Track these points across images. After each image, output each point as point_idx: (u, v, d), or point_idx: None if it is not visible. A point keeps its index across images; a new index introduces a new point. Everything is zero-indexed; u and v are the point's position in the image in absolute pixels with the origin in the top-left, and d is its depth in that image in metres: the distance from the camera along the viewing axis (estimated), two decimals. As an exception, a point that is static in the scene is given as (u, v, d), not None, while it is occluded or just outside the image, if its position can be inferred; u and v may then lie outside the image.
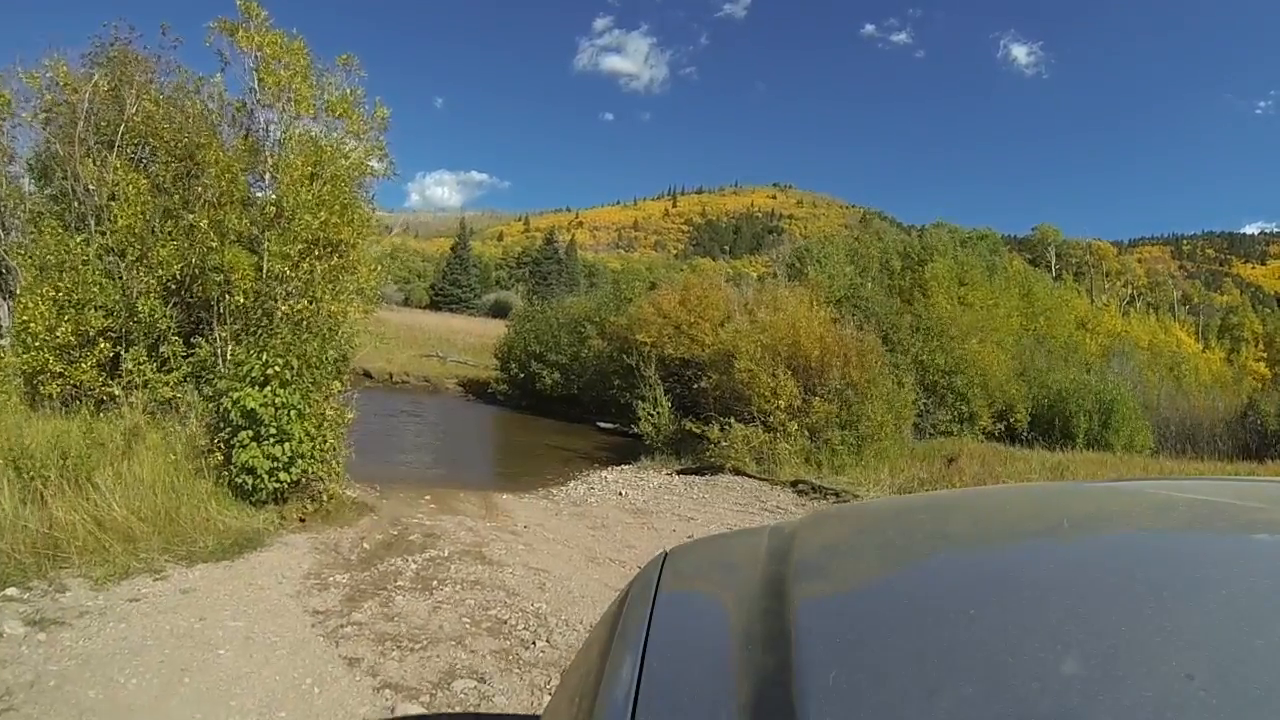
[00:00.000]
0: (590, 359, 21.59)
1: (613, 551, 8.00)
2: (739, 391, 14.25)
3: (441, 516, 9.35)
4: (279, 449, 7.99)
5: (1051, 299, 37.69)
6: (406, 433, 17.92)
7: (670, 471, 13.59)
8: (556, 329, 23.97)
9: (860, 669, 0.79)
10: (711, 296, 19.75)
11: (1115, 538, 1.25)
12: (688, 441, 14.56)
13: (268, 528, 7.89)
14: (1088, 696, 0.67)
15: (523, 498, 11.19)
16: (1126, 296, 77.62)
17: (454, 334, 41.25)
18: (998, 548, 1.24)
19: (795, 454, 13.18)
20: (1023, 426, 22.26)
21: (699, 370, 17.37)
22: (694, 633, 1.03)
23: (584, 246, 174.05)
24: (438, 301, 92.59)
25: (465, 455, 15.68)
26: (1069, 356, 29.20)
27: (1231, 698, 0.67)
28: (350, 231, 9.62)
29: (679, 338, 18.36)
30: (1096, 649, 0.75)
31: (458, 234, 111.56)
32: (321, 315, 9.35)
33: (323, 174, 9.64)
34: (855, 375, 14.25)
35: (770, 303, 17.06)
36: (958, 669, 0.77)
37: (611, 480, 12.77)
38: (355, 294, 9.93)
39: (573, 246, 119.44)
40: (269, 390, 8.02)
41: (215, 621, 5.43)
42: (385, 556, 7.38)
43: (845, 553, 1.27)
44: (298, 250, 9.05)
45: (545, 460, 15.65)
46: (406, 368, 29.65)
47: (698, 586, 1.21)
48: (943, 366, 20.30)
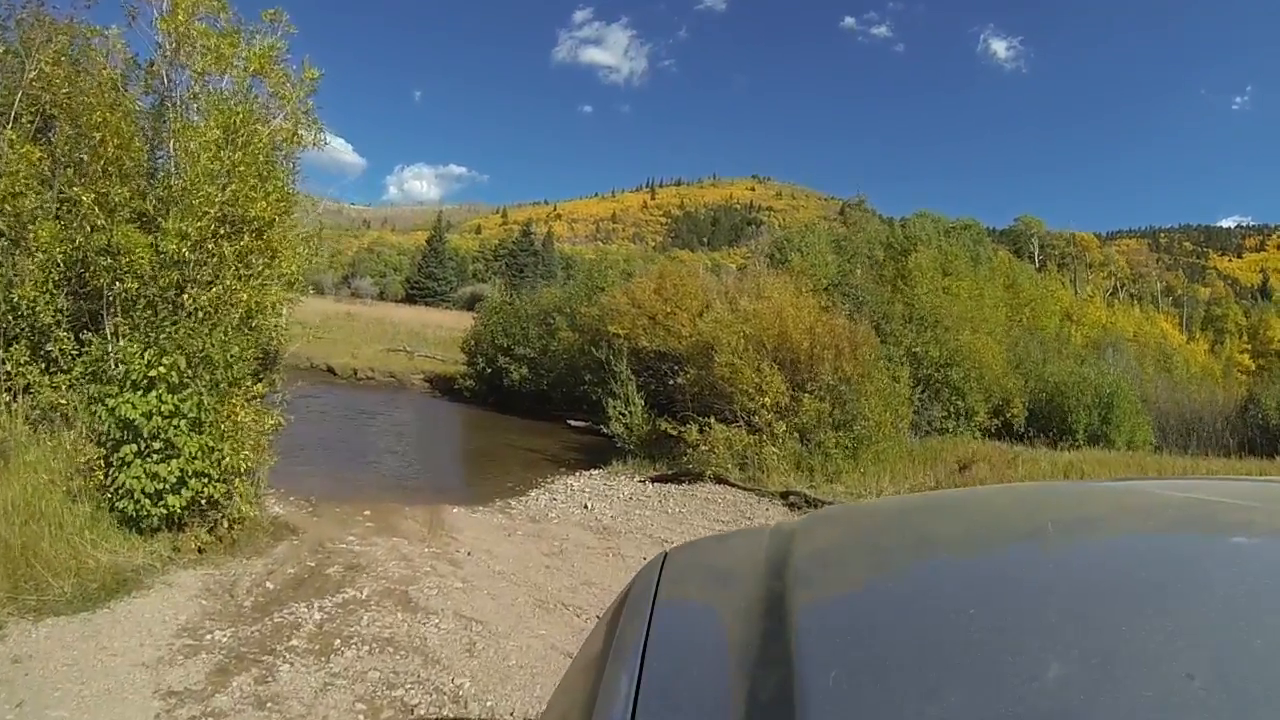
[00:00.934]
0: (560, 353, 20.16)
1: (567, 592, 6.64)
2: (720, 388, 12.94)
3: (376, 539, 8.02)
4: (164, 467, 6.62)
5: (1037, 290, 36.87)
6: (361, 436, 16.46)
7: (644, 478, 12.25)
8: (525, 321, 22.50)
9: (860, 670, 0.78)
10: (689, 285, 18.40)
11: (1115, 537, 1.23)
12: (664, 443, 13.26)
13: (152, 563, 6.55)
14: (1088, 697, 0.67)
15: (475, 512, 9.84)
16: (1109, 288, 77.19)
17: (425, 327, 39.62)
18: (997, 547, 1.22)
19: (784, 459, 11.85)
20: (1020, 422, 21.10)
21: (676, 364, 16.08)
22: (693, 636, 1.02)
23: (561, 239, 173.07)
24: (413, 295, 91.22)
25: (421, 460, 14.25)
26: (1060, 349, 28.13)
27: (1231, 698, 0.66)
28: (267, 207, 8.22)
29: (654, 329, 17.00)
30: (1096, 649, 0.75)
31: (435, 227, 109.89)
32: (232, 305, 7.95)
33: (235, 140, 8.24)
34: (849, 369, 12.96)
35: (753, 291, 15.70)
36: (958, 669, 0.76)
37: (578, 489, 11.44)
38: (275, 280, 8.53)
39: (550, 239, 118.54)
40: (153, 396, 6.65)
41: (34, 710, 4.08)
42: (289, 600, 6.03)
43: (845, 554, 1.26)
44: (198, 228, 7.63)
45: (508, 464, 14.28)
46: (372, 363, 28.17)
47: (697, 588, 1.19)
48: (937, 359, 19.04)
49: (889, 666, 0.78)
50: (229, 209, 8.02)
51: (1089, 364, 25.29)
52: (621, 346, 15.80)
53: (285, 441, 14.37)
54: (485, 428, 20.12)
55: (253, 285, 8.05)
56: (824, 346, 13.02)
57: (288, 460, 12.61)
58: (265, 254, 8.31)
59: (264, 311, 8.28)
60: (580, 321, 19.46)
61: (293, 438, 15.10)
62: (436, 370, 27.56)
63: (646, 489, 11.40)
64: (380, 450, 14.74)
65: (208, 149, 7.82)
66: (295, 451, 13.48)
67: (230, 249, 7.98)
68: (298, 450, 13.62)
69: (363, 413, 19.70)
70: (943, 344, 19.45)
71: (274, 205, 8.33)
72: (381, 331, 36.60)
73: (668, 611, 1.02)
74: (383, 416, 19.61)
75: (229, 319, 7.83)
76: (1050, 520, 1.28)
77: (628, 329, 16.91)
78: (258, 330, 8.66)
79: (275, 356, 9.98)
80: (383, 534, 8.27)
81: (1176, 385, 28.35)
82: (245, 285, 8.01)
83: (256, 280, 8.06)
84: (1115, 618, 0.81)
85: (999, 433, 20.58)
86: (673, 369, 15.93)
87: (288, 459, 12.71)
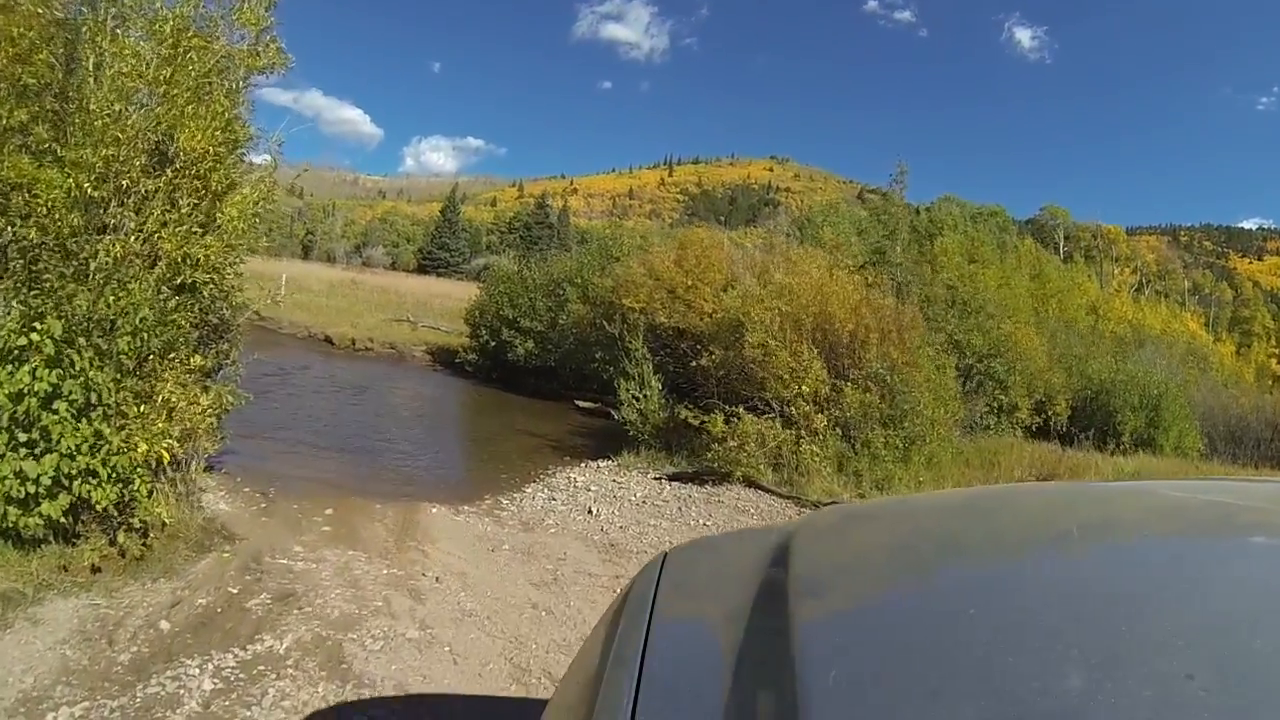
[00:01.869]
0: (570, 327, 18.39)
1: (558, 651, 4.91)
2: (749, 372, 11.28)
3: (327, 552, 6.46)
4: (35, 465, 5.05)
5: (1063, 281, 35.06)
6: (349, 413, 14.79)
7: (659, 475, 10.58)
8: (533, 291, 20.73)
9: (861, 670, 0.79)
10: (712, 256, 16.64)
11: (1116, 537, 1.24)
12: (682, 433, 11.64)
13: (20, 589, 5.01)
14: (1088, 696, 0.67)
15: (459, 513, 8.26)
16: (1134, 283, 74.95)
17: (433, 297, 37.83)
18: (998, 547, 1.23)
19: (826, 460, 10.16)
20: (1062, 421, 19.33)
21: (696, 343, 14.41)
22: (694, 637, 1.03)
23: (578, 214, 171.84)
24: (425, 266, 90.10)
25: (408, 443, 12.58)
26: (1096, 344, 26.27)
27: (1231, 698, 0.67)
28: (202, 138, 6.61)
29: (673, 304, 15.29)
30: (1097, 649, 0.76)
31: (449, 198, 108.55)
32: (150, 258, 6.36)
33: (165, 54, 6.63)
34: (896, 356, 11.28)
35: (786, 265, 13.97)
36: (958, 670, 0.77)
37: (582, 485, 9.82)
38: (213, 230, 6.93)
39: (566, 213, 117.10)
40: (25, 372, 5.08)
41: None
42: (181, 653, 4.46)
43: (847, 554, 1.27)
44: (105, 158, 6.02)
45: (505, 450, 12.67)
46: (372, 333, 26.59)
47: (698, 589, 1.19)
48: (979, 348, 17.30)
49: (890, 667, 0.79)
50: (151, 137, 6.45)
51: (1130, 361, 23.42)
52: (637, 322, 14.10)
53: (263, 419, 12.86)
54: (485, 406, 18.57)
55: (179, 234, 6.43)
56: (869, 329, 11.32)
57: (258, 441, 11.07)
58: (197, 195, 6.71)
59: (197, 267, 6.66)
60: (593, 294, 17.72)
61: (273, 415, 13.57)
62: (439, 342, 25.96)
63: (663, 490, 9.73)
64: (366, 430, 13.13)
65: (123, 58, 6.21)
66: (271, 430, 11.96)
67: (153, 186, 6.40)
68: (274, 429, 12.11)
69: (355, 387, 18.09)
70: (986, 332, 17.73)
71: (212, 137, 6.72)
72: (386, 300, 35.02)
73: (668, 612, 1.04)
74: (376, 391, 18.00)
75: (147, 275, 6.23)
76: (1050, 520, 1.32)
77: (644, 303, 15.22)
78: (194, 292, 7.10)
79: (227, 324, 8.42)
80: (338, 544, 6.71)
81: (1215, 388, 26.46)
82: (171, 234, 6.40)
83: (183, 228, 6.44)
84: (1116, 617, 0.84)
85: (1039, 432, 18.88)
86: (693, 349, 14.28)
87: (259, 439, 11.18)
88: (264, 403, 14.17)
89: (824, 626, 0.90)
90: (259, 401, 14.32)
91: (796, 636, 0.83)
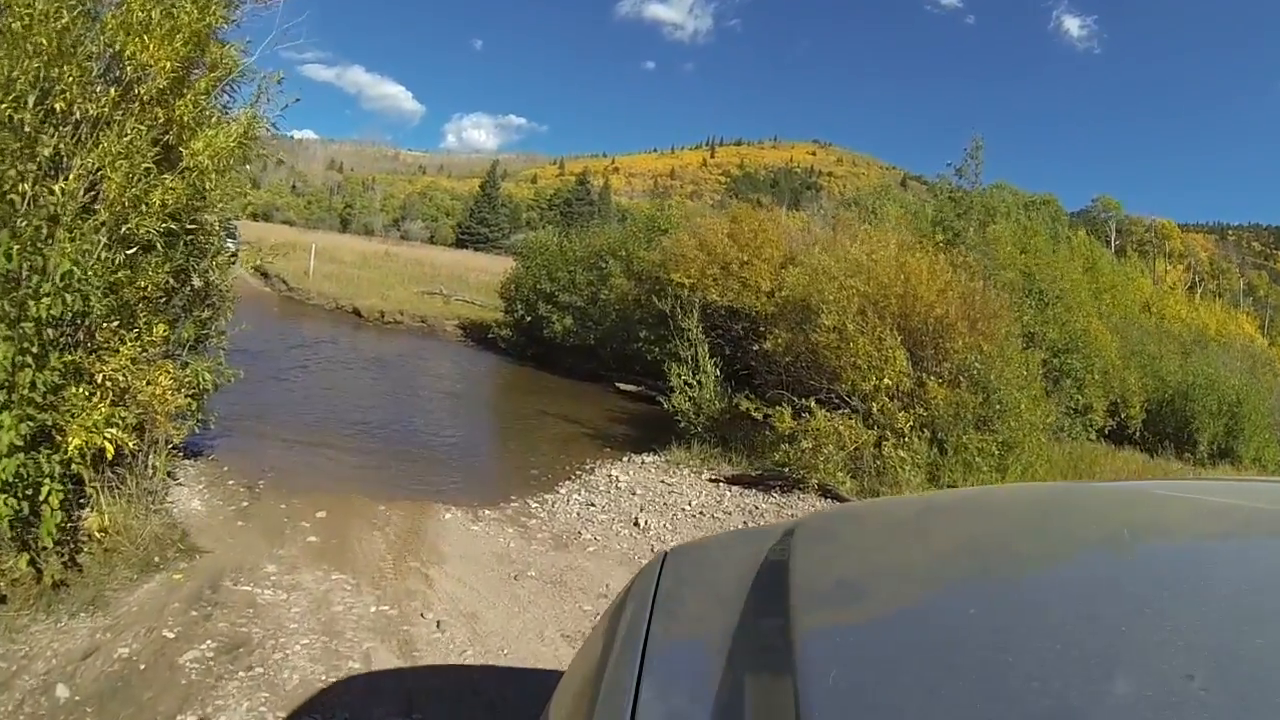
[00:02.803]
0: (612, 302, 16.82)
1: None
2: (819, 360, 9.78)
3: (306, 574, 5.15)
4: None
5: (1117, 276, 32.93)
6: (367, 390, 13.39)
7: (716, 476, 9.06)
8: (573, 264, 19.11)
9: (861, 669, 0.79)
10: (769, 231, 15.10)
11: (1116, 537, 1.23)
12: (739, 425, 10.19)
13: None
14: (1088, 696, 0.67)
15: (478, 519, 6.89)
16: (1188, 281, 72.08)
17: (469, 271, 36.36)
18: (998, 547, 1.22)
19: (916, 468, 8.54)
20: (1136, 425, 17.56)
21: (751, 325, 12.93)
22: (694, 637, 1.03)
23: (619, 192, 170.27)
24: (464, 240, 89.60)
25: (429, 427, 11.16)
26: (1164, 342, 24.27)
27: (1231, 698, 0.67)
28: (164, 54, 5.25)
29: (727, 281, 13.78)
30: (1097, 649, 0.76)
31: (489, 172, 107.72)
32: (82, 199, 5.01)
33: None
34: (986, 348, 9.70)
35: (856, 240, 12.31)
36: (959, 670, 0.77)
37: (625, 485, 8.38)
38: (175, 170, 5.58)
39: (607, 191, 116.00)
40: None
41: None
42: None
43: (847, 554, 1.26)
44: (32, 70, 4.67)
45: (538, 439, 11.25)
46: (403, 306, 25.28)
47: (698, 589, 1.18)
48: (1056, 342, 15.56)
49: (889, 666, 0.79)
50: (92, 47, 5.11)
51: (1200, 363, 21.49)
52: (692, 300, 12.59)
53: (271, 395, 11.59)
54: (517, 386, 17.18)
55: (127, 171, 5.08)
56: (959, 316, 9.73)
57: (260, 421, 9.79)
58: (153, 124, 5.35)
59: (151, 215, 5.31)
60: (638, 267, 16.23)
61: (282, 391, 12.28)
62: (473, 317, 24.60)
63: (722, 497, 8.14)
64: (383, 410, 11.79)
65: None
66: (277, 408, 10.67)
67: (95, 110, 5.06)
68: (281, 407, 10.85)
69: (379, 362, 16.76)
70: (1063, 325, 16.00)
71: (174, 51, 5.37)
72: (420, 273, 33.72)
73: (668, 613, 1.04)
74: (401, 367, 16.67)
75: (80, 223, 4.88)
76: (1051, 520, 1.34)
77: (695, 278, 13.72)
78: (168, 248, 5.81)
79: (209, 290, 7.14)
80: (323, 562, 5.38)
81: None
82: (116, 171, 5.05)
83: (130, 163, 5.08)
84: (1116, 617, 0.84)
85: (1111, 437, 17.18)
86: (747, 331, 12.82)
87: (262, 419, 9.90)
88: (276, 377, 12.97)
89: (824, 626, 0.91)
90: (270, 376, 13.15)
91: (796, 636, 0.83)
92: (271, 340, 17.24)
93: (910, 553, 1.23)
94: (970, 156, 20.61)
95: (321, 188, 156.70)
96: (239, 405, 10.37)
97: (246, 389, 11.52)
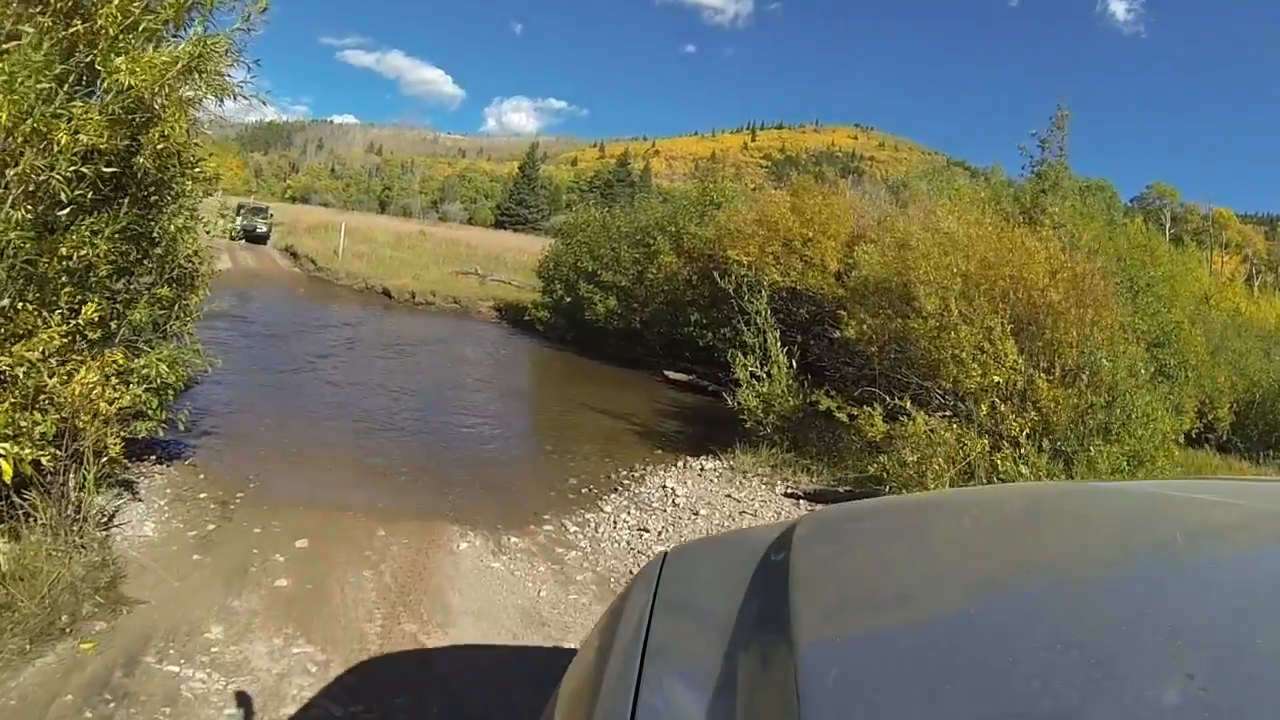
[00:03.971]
0: (660, 283, 15.28)
1: None
2: (906, 351, 8.21)
3: (259, 645, 3.78)
4: None
5: (1175, 265, 30.89)
6: (386, 377, 11.79)
7: (793, 490, 7.43)
8: (617, 240, 17.49)
9: (861, 669, 0.78)
10: (835, 205, 13.49)
11: (1116, 537, 1.22)
12: (810, 423, 8.67)
13: None
14: (1088, 696, 0.66)
15: (501, 548, 5.45)
16: (1244, 273, 69.21)
17: (506, 251, 34.87)
18: (998, 547, 1.21)
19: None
20: (1225, 429, 15.76)
21: (817, 309, 11.40)
22: (693, 637, 1.02)
23: (659, 175, 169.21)
24: (503, 222, 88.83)
25: (451, 422, 9.61)
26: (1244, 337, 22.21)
27: (1231, 698, 0.67)
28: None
29: (789, 259, 12.22)
30: (1097, 648, 0.75)
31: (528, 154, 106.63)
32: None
33: None
34: (1101, 340, 8.04)
35: (950, 214, 10.56)
36: (959, 668, 0.76)
37: (685, 502, 6.85)
38: (106, 100, 4.17)
39: (648, 173, 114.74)
40: None
41: None
42: None
43: (847, 554, 1.24)
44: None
45: (577, 437, 9.72)
46: (435, 287, 23.94)
47: (698, 589, 1.17)
48: (1146, 335, 13.74)
49: (889, 666, 0.78)
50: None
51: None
52: (759, 280, 11.01)
53: (276, 384, 10.25)
54: (555, 374, 15.67)
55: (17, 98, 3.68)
56: (1072, 302, 8.03)
57: (255, 416, 8.41)
58: (59, 33, 3.94)
59: (62, 157, 3.91)
60: (689, 245, 14.66)
61: (287, 379, 10.89)
62: (509, 298, 23.17)
63: None
64: (401, 401, 10.33)
65: None
66: (279, 401, 9.34)
67: None
68: (284, 397, 9.54)
69: (403, 345, 15.33)
70: (1153, 315, 14.17)
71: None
72: (455, 253, 32.39)
73: (668, 613, 1.03)
74: (426, 351, 15.22)
75: None
76: (1051, 521, 1.33)
77: (754, 256, 12.19)
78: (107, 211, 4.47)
79: (171, 262, 5.77)
80: (287, 622, 3.97)
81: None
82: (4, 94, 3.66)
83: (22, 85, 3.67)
84: (1116, 617, 0.83)
85: (1196, 441, 15.41)
86: (812, 316, 11.30)
87: (257, 413, 8.51)
88: (283, 364, 11.62)
89: (825, 625, 0.90)
90: (277, 362, 11.75)
91: (797, 635, 0.83)
92: (287, 322, 15.97)
93: (911, 552, 1.20)
94: (1056, 125, 18.80)
95: (360, 171, 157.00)
96: (234, 396, 9.03)
97: (245, 377, 10.26)
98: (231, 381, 9.63)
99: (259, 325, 14.76)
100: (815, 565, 1.08)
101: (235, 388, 9.41)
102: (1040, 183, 17.68)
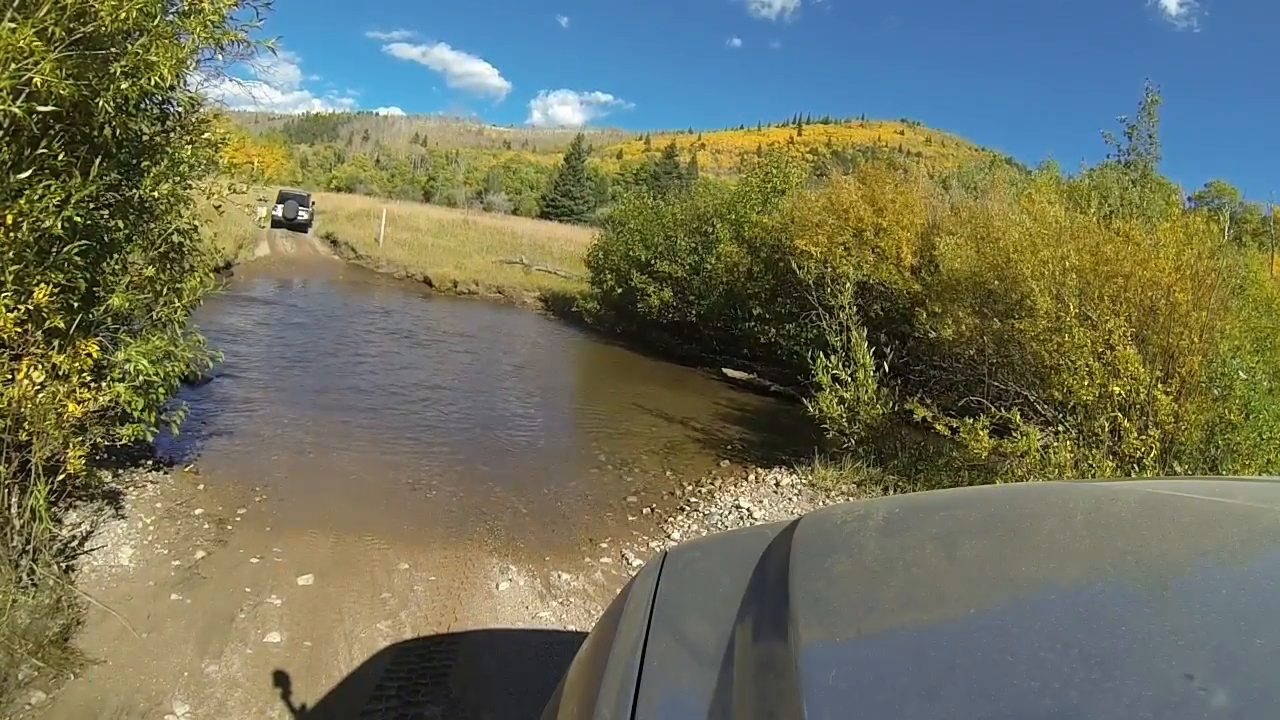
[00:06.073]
0: (719, 274, 14.15)
1: None
2: (1009, 356, 7.13)
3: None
4: None
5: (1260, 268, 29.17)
6: (424, 373, 10.86)
7: (886, 514, 6.54)
8: (673, 228, 16.38)
9: (861, 669, 0.78)
10: (908, 195, 12.34)
11: (1116, 537, 1.20)
12: (894, 434, 7.62)
13: None
14: (1088, 696, 0.66)
15: (550, 589, 4.50)
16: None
17: (552, 241, 33.88)
18: (998, 547, 1.18)
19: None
20: None
21: (893, 306, 10.53)
22: (693, 636, 1.01)
23: (705, 169, 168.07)
24: (548, 212, 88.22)
25: (492, 425, 8.60)
26: None
27: (1231, 698, 0.66)
28: None
29: (861, 251, 11.15)
30: (1097, 648, 0.74)
31: (574, 145, 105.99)
32: None
33: None
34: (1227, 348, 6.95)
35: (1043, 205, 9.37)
36: (958, 668, 0.75)
37: (762, 523, 5.89)
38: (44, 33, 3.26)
39: (694, 165, 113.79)
40: None
41: None
42: None
43: (847, 554, 1.22)
44: None
45: (634, 444, 8.66)
46: (478, 276, 23.10)
47: (697, 589, 1.15)
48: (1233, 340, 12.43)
49: (889, 666, 0.78)
50: None
51: None
52: (844, 275, 9.92)
53: (299, 379, 9.36)
54: (606, 371, 14.60)
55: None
56: (1192, 305, 6.88)
57: (272, 414, 7.50)
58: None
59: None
60: (750, 234, 13.59)
61: (314, 373, 9.97)
62: (555, 288, 22.24)
63: None
64: (437, 400, 9.40)
65: None
66: (301, 397, 8.46)
67: None
68: (305, 395, 8.63)
69: (441, 338, 14.40)
70: (1244, 320, 12.88)
71: None
72: (499, 242, 31.57)
73: (668, 613, 1.02)
74: (467, 344, 14.28)
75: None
76: (1050, 521, 1.27)
77: (824, 247, 11.10)
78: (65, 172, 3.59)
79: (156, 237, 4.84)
80: (266, 707, 3.04)
81: None
82: None
83: None
84: (1115, 617, 0.82)
85: None
86: (887, 313, 10.40)
87: (275, 411, 7.61)
88: (310, 356, 10.75)
89: (824, 625, 0.89)
90: (303, 354, 10.83)
91: (797, 635, 0.82)
92: (320, 310, 15.17)
93: (910, 553, 1.18)
94: (1146, 112, 17.43)
95: (405, 161, 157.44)
96: (253, 392, 8.16)
97: (268, 372, 9.35)
98: (253, 375, 8.81)
99: (290, 314, 14.01)
100: (815, 565, 1.06)
101: (256, 383, 8.56)
102: (1129, 172, 16.36)
